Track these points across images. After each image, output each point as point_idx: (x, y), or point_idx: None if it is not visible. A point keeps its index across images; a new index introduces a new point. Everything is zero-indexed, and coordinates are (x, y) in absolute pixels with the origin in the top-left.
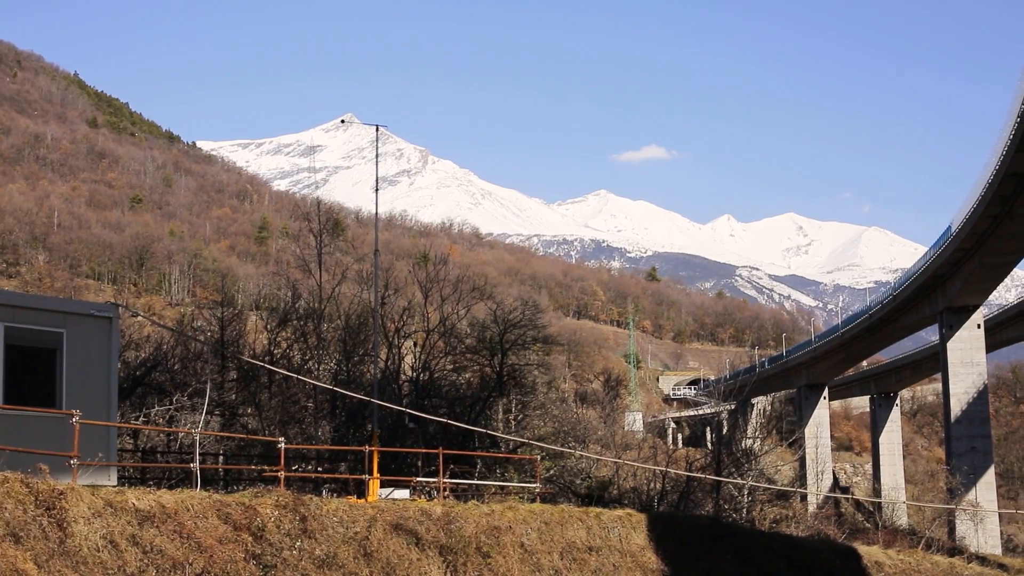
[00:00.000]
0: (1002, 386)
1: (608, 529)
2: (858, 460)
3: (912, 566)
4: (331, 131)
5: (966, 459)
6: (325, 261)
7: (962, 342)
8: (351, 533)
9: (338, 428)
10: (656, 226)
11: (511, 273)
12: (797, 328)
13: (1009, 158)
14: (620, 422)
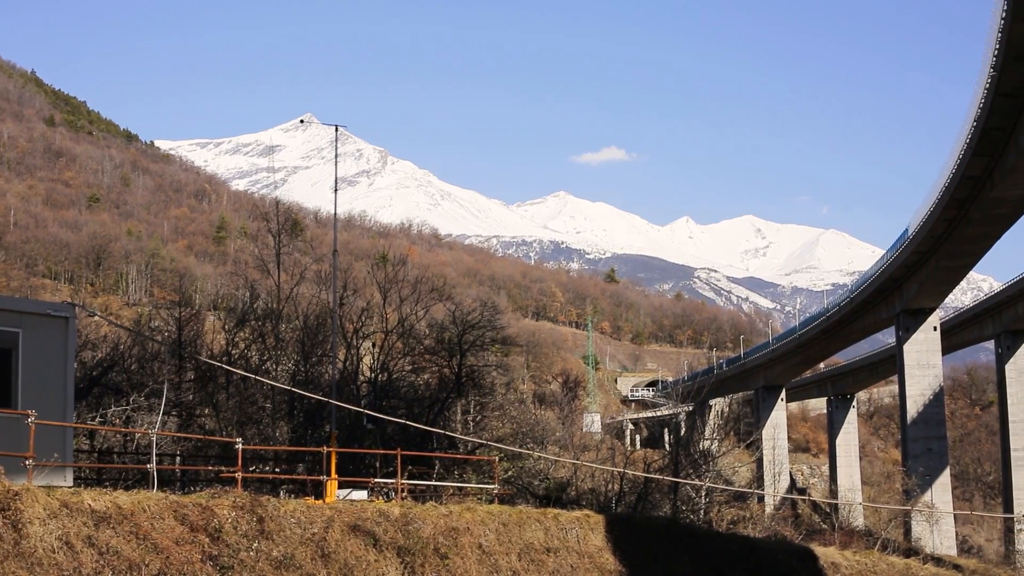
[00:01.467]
0: (958, 388)
1: (566, 530)
2: (815, 461)
3: (868, 567)
4: (290, 131)
5: (922, 460)
6: (283, 261)
7: (918, 344)
8: (309, 534)
9: (296, 429)
10: (615, 228)
11: (470, 274)
12: (755, 330)
13: (965, 161)
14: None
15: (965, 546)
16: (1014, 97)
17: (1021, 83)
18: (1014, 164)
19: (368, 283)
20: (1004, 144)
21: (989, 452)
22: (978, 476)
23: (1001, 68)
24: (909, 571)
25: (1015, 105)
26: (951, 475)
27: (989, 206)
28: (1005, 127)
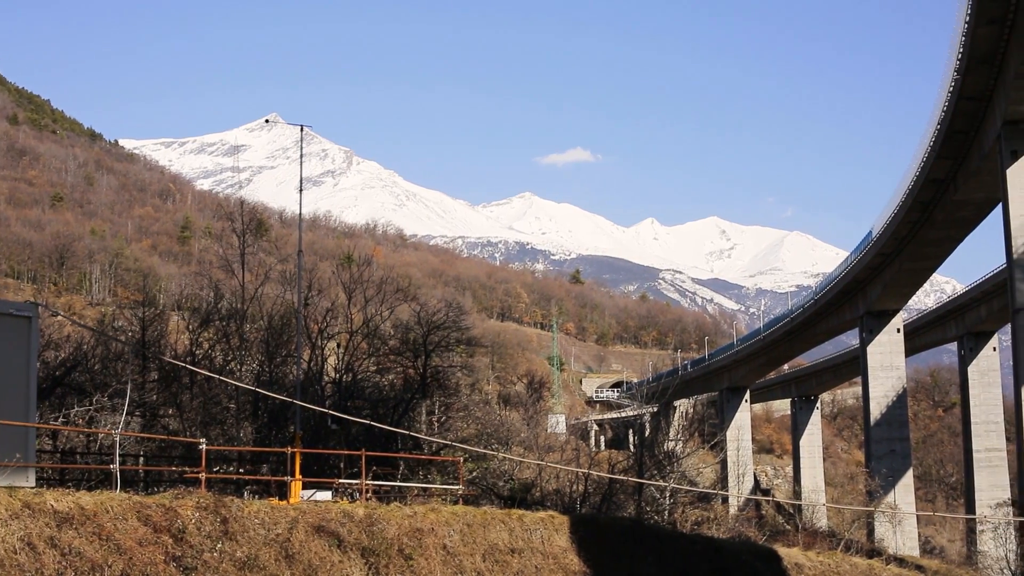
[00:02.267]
0: (921, 390)
1: (530, 531)
2: (779, 462)
3: (831, 567)
4: (255, 131)
5: (885, 462)
6: (248, 261)
7: (882, 346)
8: (273, 535)
9: (260, 429)
10: (580, 229)
11: (435, 275)
12: (719, 331)
13: (929, 164)
14: (543, 424)
15: (928, 547)
16: (977, 100)
17: (984, 86)
18: (977, 167)
19: (333, 283)
20: (968, 147)
21: (952, 453)
22: (941, 477)
23: (965, 71)
24: (872, 572)
25: (978, 108)
26: (914, 476)
27: (952, 209)
28: (968, 130)
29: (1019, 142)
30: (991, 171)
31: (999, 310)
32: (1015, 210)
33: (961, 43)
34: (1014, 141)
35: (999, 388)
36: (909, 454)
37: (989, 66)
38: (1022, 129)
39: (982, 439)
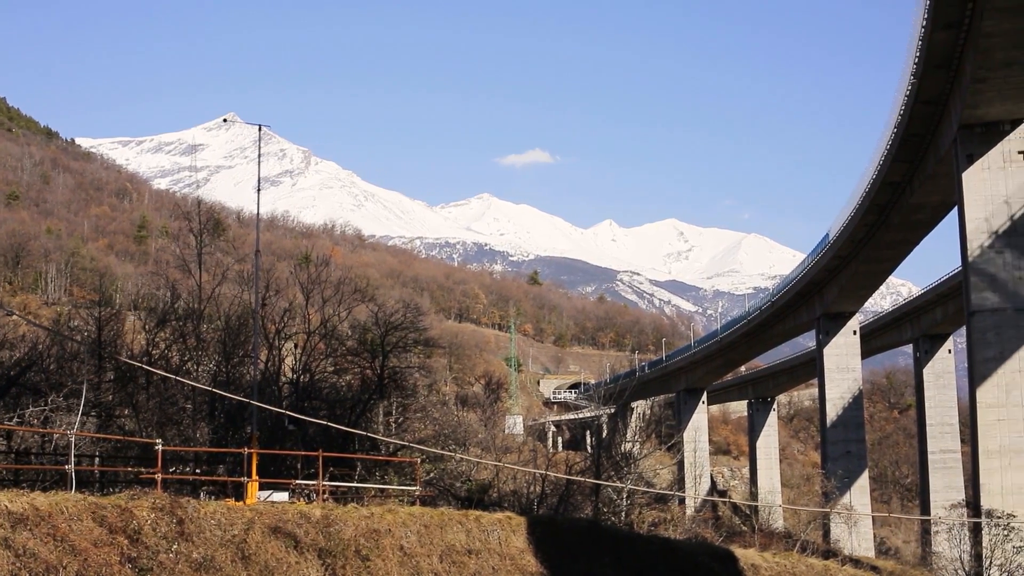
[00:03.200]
0: (876, 391)
1: (488, 532)
2: (736, 464)
3: (787, 568)
4: (213, 130)
5: (841, 463)
6: (205, 261)
7: (838, 348)
8: (229, 536)
9: (217, 430)
10: (539, 230)
11: (393, 275)
12: (677, 333)
13: (886, 167)
14: (500, 425)
15: (883, 548)
16: (934, 104)
17: (941, 90)
18: (934, 170)
19: (291, 284)
20: (924, 150)
21: (907, 455)
22: (896, 479)
23: (921, 76)
24: (828, 572)
25: (935, 112)
26: (869, 477)
27: (908, 212)
28: (925, 134)
29: (974, 146)
30: (947, 175)
31: (954, 313)
32: (970, 213)
33: (918, 47)
34: (969, 145)
35: (954, 390)
36: (865, 455)
37: (945, 70)
38: (977, 133)
39: (937, 441)
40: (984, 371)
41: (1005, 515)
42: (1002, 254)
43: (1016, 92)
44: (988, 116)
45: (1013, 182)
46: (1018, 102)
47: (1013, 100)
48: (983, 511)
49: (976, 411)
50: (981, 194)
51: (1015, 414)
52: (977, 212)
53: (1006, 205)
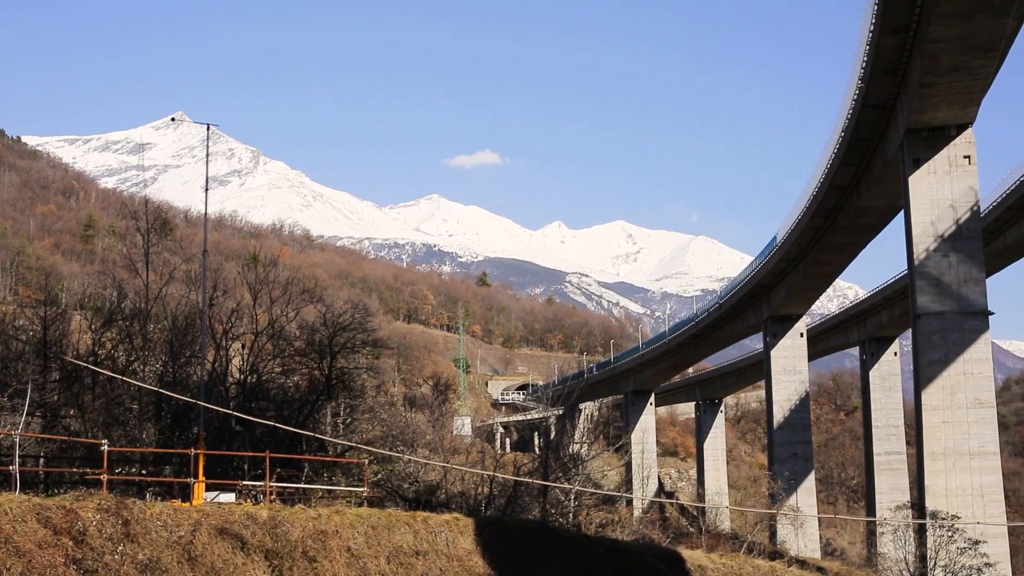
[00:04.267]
0: (823, 394)
1: (435, 533)
2: (683, 465)
3: (734, 569)
4: (161, 129)
5: (788, 465)
6: (152, 261)
7: (785, 350)
8: (175, 537)
9: (163, 430)
10: (488, 231)
11: (341, 276)
12: (625, 335)
13: (833, 171)
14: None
15: (829, 548)
16: (881, 108)
17: (888, 95)
18: (880, 174)
19: (238, 284)
20: (871, 154)
21: (853, 456)
22: (842, 480)
23: (869, 80)
24: (774, 573)
25: (882, 116)
26: (816, 479)
27: (855, 215)
28: (872, 137)
29: (921, 150)
30: (894, 178)
31: (900, 315)
32: (917, 217)
33: (865, 52)
34: (916, 149)
35: (899, 392)
36: (811, 457)
37: (893, 75)
38: (924, 137)
39: (883, 442)
40: (929, 374)
41: (950, 516)
42: (948, 258)
43: (962, 97)
44: (934, 121)
45: (959, 186)
46: (964, 107)
47: (959, 105)
48: (928, 512)
49: (921, 413)
50: (927, 198)
51: (960, 416)
52: (923, 216)
53: (952, 209)
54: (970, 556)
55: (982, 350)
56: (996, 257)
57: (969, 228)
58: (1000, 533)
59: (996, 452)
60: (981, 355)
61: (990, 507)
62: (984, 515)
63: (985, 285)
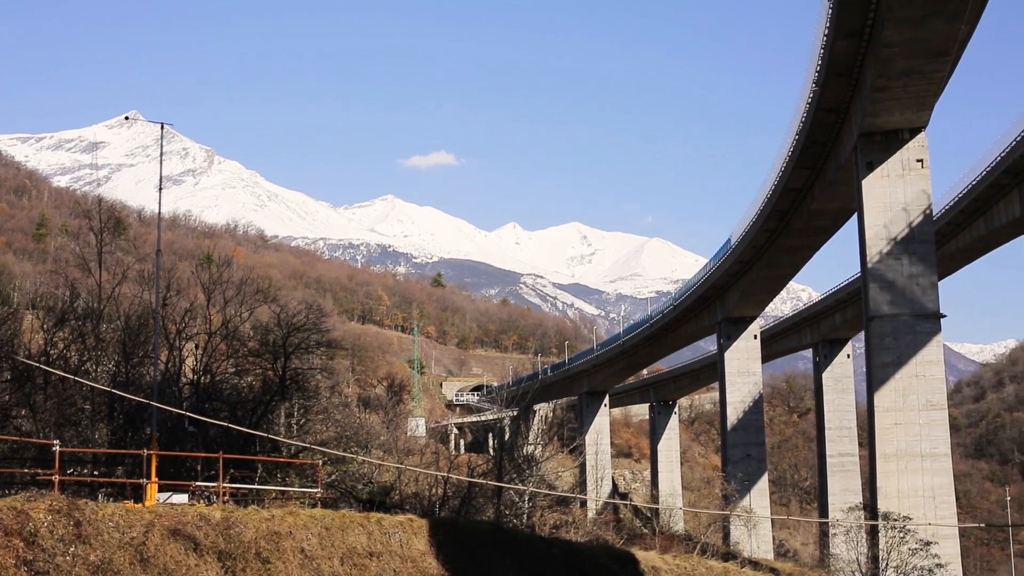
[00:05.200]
0: (776, 395)
1: (389, 535)
2: (637, 466)
3: (688, 570)
4: (115, 128)
5: (741, 466)
6: (105, 260)
7: (739, 352)
8: (127, 538)
9: (116, 431)
10: (442, 232)
11: (296, 276)
12: (580, 336)
13: (787, 174)
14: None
15: (782, 550)
16: (835, 112)
17: (842, 98)
18: (834, 177)
19: (192, 284)
20: (825, 157)
21: (806, 458)
22: (795, 481)
23: (823, 83)
24: (727, 574)
25: (836, 120)
26: (769, 480)
27: (809, 218)
28: (826, 141)
29: (874, 153)
30: (847, 182)
31: (853, 318)
32: (870, 220)
33: (820, 56)
34: (869, 152)
35: (852, 394)
36: (764, 459)
37: (846, 79)
38: (877, 141)
39: (835, 444)
40: (882, 376)
41: (901, 517)
42: (900, 260)
43: (915, 101)
44: (888, 124)
45: (912, 190)
46: (917, 111)
47: (912, 109)
48: (880, 514)
49: (874, 415)
50: (880, 201)
51: (912, 418)
52: (876, 219)
53: (905, 212)
54: (921, 557)
55: (934, 352)
56: (949, 260)
57: (922, 231)
58: (951, 534)
59: (947, 454)
60: (933, 357)
61: (941, 508)
62: (935, 516)
63: (937, 288)
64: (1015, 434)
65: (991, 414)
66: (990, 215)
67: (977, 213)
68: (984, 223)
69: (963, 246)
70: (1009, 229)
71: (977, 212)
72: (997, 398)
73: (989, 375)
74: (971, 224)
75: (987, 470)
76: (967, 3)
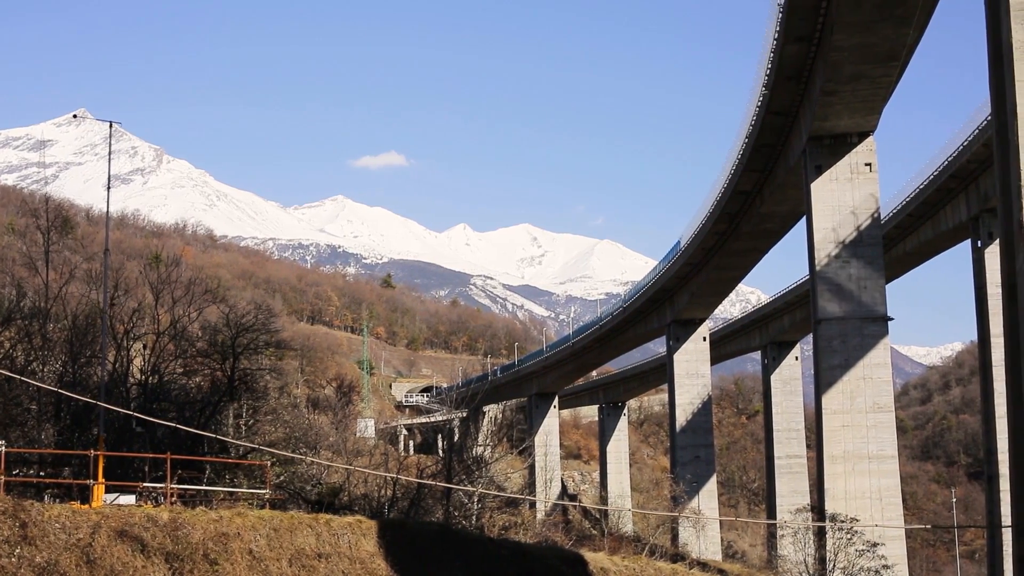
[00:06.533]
0: (725, 397)
1: (338, 536)
2: (586, 468)
3: (636, 572)
4: (63, 126)
5: (690, 468)
6: (53, 259)
7: (688, 354)
8: (74, 540)
9: (62, 431)
10: (392, 233)
11: (245, 276)
12: (529, 338)
13: (737, 177)
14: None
15: (730, 551)
16: (784, 115)
17: (791, 102)
18: (783, 180)
19: (140, 284)
20: (774, 160)
21: (754, 460)
22: (743, 483)
23: (773, 87)
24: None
25: (785, 123)
26: (717, 482)
27: (758, 220)
28: (775, 144)
29: (823, 157)
30: (796, 185)
31: (801, 320)
32: (818, 223)
33: (770, 59)
34: (818, 156)
35: (800, 396)
36: (713, 460)
37: (796, 82)
38: (826, 145)
39: (783, 446)
40: (830, 378)
41: (848, 519)
42: (848, 264)
43: (864, 105)
44: (837, 128)
45: (860, 193)
46: (865, 115)
47: (861, 113)
48: (827, 515)
49: (822, 417)
50: (829, 204)
51: (859, 420)
52: (825, 222)
53: (853, 216)
54: (868, 558)
55: (881, 355)
56: (896, 263)
57: (870, 235)
58: (898, 535)
59: (894, 456)
60: (880, 360)
61: (888, 510)
62: (882, 518)
63: (885, 291)
64: (961, 436)
65: (937, 416)
66: (937, 219)
67: (924, 217)
68: (931, 227)
69: (911, 249)
70: (956, 233)
71: (924, 216)
72: (943, 400)
73: (935, 378)
74: (919, 228)
75: (933, 472)
76: (915, 9)
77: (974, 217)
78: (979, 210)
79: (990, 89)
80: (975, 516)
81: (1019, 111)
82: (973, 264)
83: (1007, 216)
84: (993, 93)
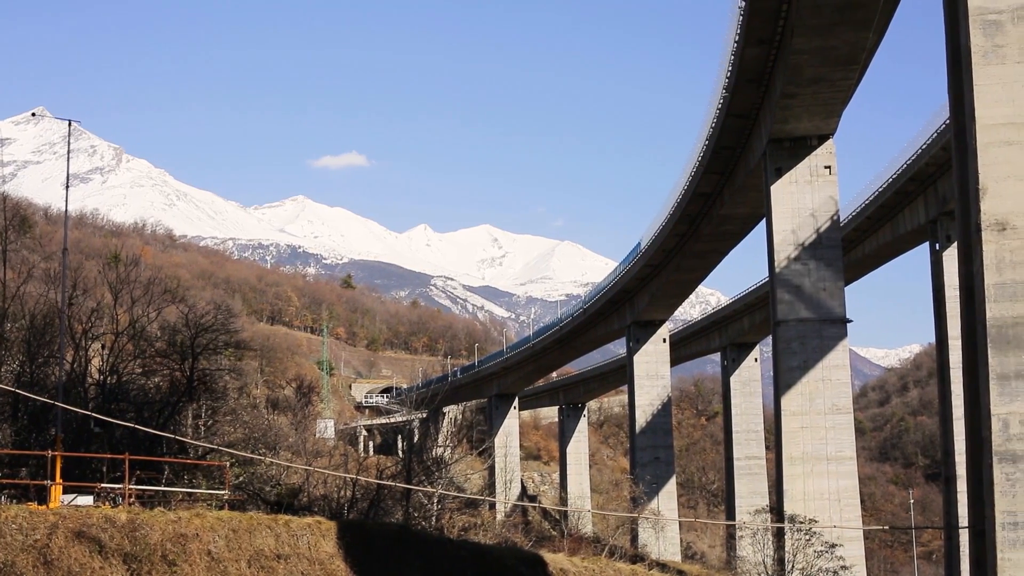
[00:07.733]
0: (685, 399)
1: (297, 537)
2: (546, 469)
3: (596, 573)
4: (21, 124)
5: (649, 469)
6: (10, 258)
7: (648, 355)
8: (31, 541)
9: (19, 432)
10: (353, 233)
11: (204, 276)
12: (490, 339)
13: (697, 179)
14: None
15: (689, 552)
16: (744, 118)
17: (752, 105)
18: (743, 182)
19: (99, 283)
20: (734, 163)
21: (714, 461)
22: (703, 484)
23: (733, 89)
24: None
25: (745, 125)
26: (677, 483)
27: (718, 222)
28: (735, 146)
29: (783, 160)
30: (756, 187)
31: (761, 322)
32: (778, 225)
33: (730, 61)
34: (778, 158)
35: (760, 398)
36: (672, 462)
37: (757, 85)
38: (786, 147)
39: (743, 447)
40: (789, 380)
41: (807, 520)
42: (808, 266)
43: (823, 108)
44: (797, 131)
45: (819, 196)
46: (825, 118)
47: (820, 116)
48: (786, 516)
49: (781, 418)
50: (789, 207)
51: (818, 422)
52: (784, 224)
53: (812, 218)
54: (827, 559)
55: (840, 357)
56: (855, 266)
57: (829, 237)
58: (856, 537)
59: (853, 457)
60: (839, 362)
61: (846, 511)
62: (841, 519)
63: (844, 293)
64: (919, 438)
65: (895, 418)
66: (896, 221)
67: (883, 219)
68: (890, 229)
69: (870, 252)
70: (914, 235)
71: (883, 218)
72: (901, 402)
73: (894, 379)
74: (878, 230)
75: (891, 473)
76: (875, 12)
77: (933, 220)
78: (937, 213)
79: (948, 93)
80: (932, 517)
81: (977, 115)
82: (931, 267)
83: (965, 219)
84: (951, 97)
